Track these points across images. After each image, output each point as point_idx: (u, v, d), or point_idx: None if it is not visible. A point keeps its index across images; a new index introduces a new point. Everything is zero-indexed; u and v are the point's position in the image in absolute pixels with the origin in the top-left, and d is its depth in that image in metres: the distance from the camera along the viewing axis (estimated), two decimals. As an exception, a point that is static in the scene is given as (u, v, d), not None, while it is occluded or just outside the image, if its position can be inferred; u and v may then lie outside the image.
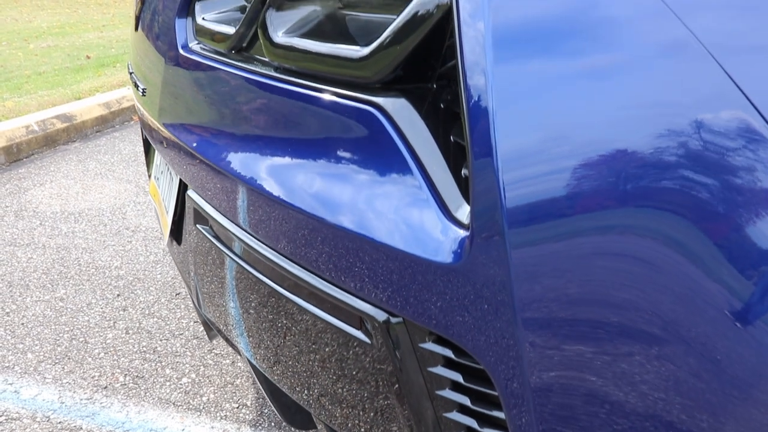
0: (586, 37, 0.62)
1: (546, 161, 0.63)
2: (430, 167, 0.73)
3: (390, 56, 0.75)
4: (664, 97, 0.57)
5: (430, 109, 0.76)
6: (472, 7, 0.65)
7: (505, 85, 0.63)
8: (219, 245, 1.06)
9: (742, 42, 0.56)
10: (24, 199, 2.96)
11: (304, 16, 0.90)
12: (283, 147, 0.88)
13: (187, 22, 1.12)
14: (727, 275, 0.56)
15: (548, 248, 0.63)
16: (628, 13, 0.61)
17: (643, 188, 0.59)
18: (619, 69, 0.60)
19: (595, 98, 0.61)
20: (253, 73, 0.94)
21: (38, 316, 2.06)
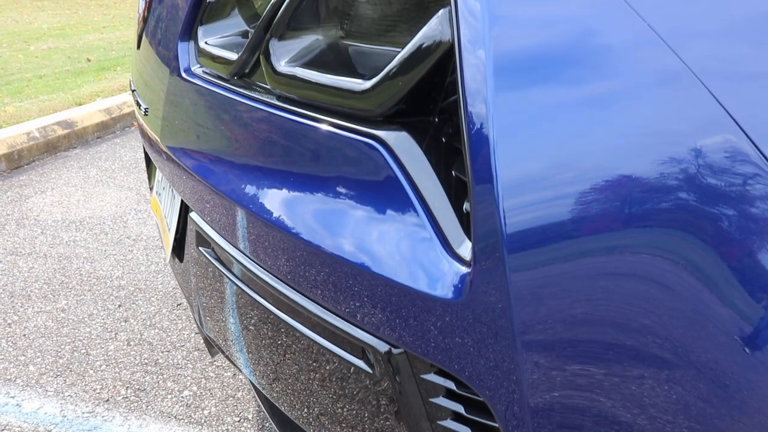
0: (583, 66, 0.63)
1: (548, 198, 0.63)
2: (432, 202, 0.73)
3: (392, 90, 0.75)
4: (660, 125, 0.58)
5: (432, 143, 0.77)
6: (473, 37, 0.65)
7: (506, 116, 0.64)
8: (221, 268, 1.06)
9: (730, 69, 0.58)
10: (25, 207, 2.97)
11: (306, 45, 0.91)
12: (287, 176, 0.89)
13: (189, 45, 1.13)
14: (716, 297, 0.58)
15: (550, 289, 0.63)
16: (624, 42, 0.62)
17: (643, 217, 0.60)
18: (618, 97, 0.61)
19: (594, 127, 0.62)
20: (256, 100, 0.95)
21: (40, 328, 2.06)
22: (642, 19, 0.62)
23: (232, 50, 1.06)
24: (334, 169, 0.82)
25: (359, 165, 0.78)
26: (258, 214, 0.92)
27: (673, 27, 0.60)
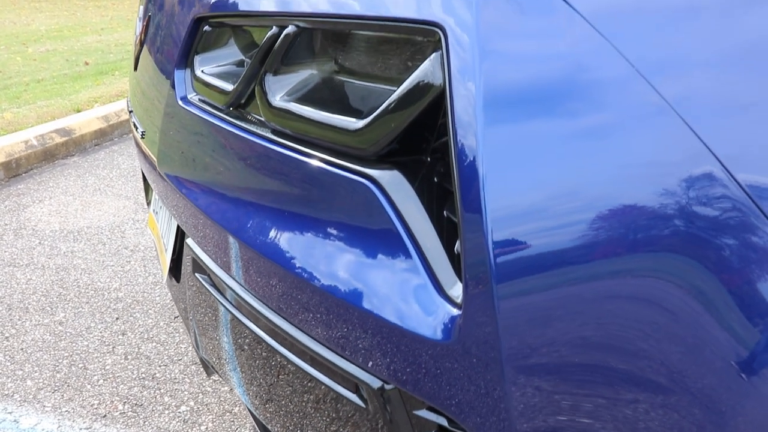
0: (568, 103, 0.64)
1: (538, 243, 0.65)
2: (423, 243, 0.74)
3: (385, 131, 0.76)
4: (644, 159, 0.61)
5: (425, 183, 0.78)
6: (464, 80, 0.66)
7: (495, 156, 0.65)
8: (217, 296, 1.07)
9: (708, 103, 0.61)
10: (23, 217, 2.97)
11: (301, 80, 0.92)
12: (281, 209, 0.90)
13: (185, 73, 1.13)
14: (700, 326, 0.59)
15: (540, 333, 0.64)
16: (606, 79, 0.63)
17: (639, 249, 0.61)
18: (603, 132, 0.63)
19: (581, 163, 0.63)
20: (251, 132, 0.96)
21: (37, 341, 2.07)
22: (623, 56, 0.64)
23: (228, 80, 1.07)
24: (327, 206, 0.83)
25: (352, 203, 0.79)
26: (252, 246, 0.93)
27: (652, 63, 0.62)
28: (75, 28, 10.19)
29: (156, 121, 1.21)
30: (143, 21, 1.39)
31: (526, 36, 0.70)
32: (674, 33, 0.65)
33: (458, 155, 0.67)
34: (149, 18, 1.33)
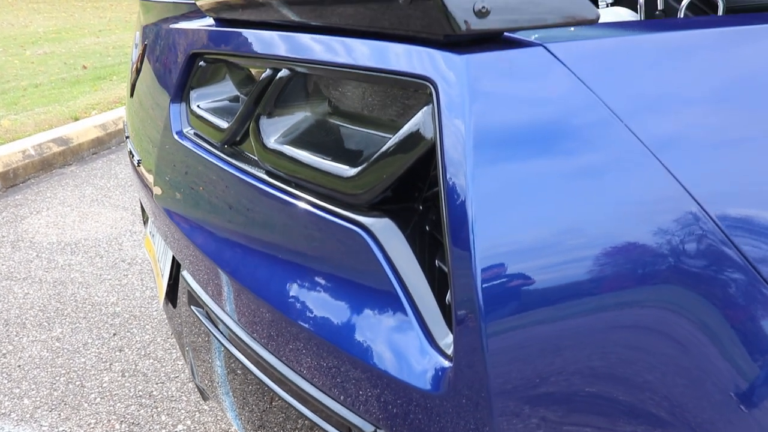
0: (557, 151, 0.66)
1: (528, 301, 0.66)
2: (415, 293, 0.75)
3: (377, 180, 0.77)
4: (627, 198, 0.65)
5: (416, 232, 0.78)
6: (455, 132, 0.67)
7: (484, 209, 0.66)
8: (212, 330, 1.08)
9: (684, 147, 0.66)
10: (21, 229, 2.98)
11: (294, 123, 0.93)
12: (275, 250, 0.90)
13: (181, 107, 1.14)
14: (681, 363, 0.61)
15: (530, 387, 0.65)
16: (588, 123, 0.67)
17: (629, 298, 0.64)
18: (588, 172, 0.66)
19: (570, 212, 0.65)
20: (245, 172, 0.97)
21: (35, 358, 2.08)
22: (603, 103, 0.67)
23: (223, 116, 1.07)
24: (320, 250, 0.84)
25: (344, 249, 0.80)
26: (245, 285, 0.93)
27: (630, 108, 0.66)
28: (73, 29, 10.18)
29: (152, 153, 1.22)
30: (140, 49, 1.39)
31: (514, 91, 0.71)
32: (654, 80, 0.69)
33: (448, 207, 0.68)
34: (145, 47, 1.34)
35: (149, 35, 1.31)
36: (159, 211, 1.20)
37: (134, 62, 1.41)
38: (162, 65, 1.23)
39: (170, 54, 1.18)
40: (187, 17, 1.10)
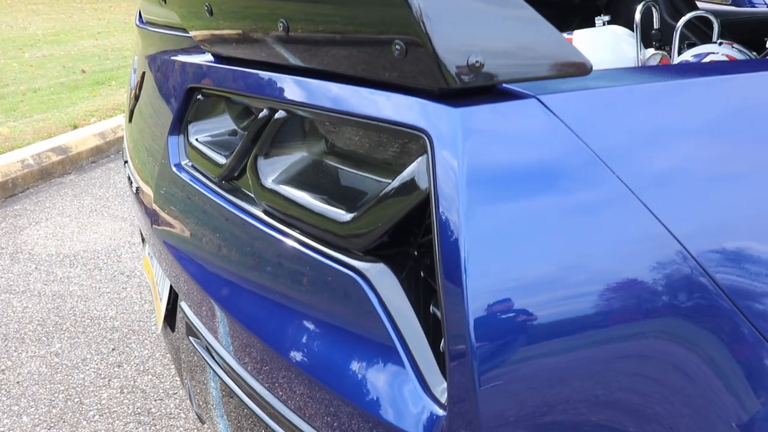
0: (540, 190, 0.69)
1: (522, 355, 0.67)
2: (410, 340, 0.76)
3: (372, 228, 0.78)
4: (614, 238, 0.68)
5: (411, 277, 0.79)
6: (449, 184, 0.68)
7: (476, 259, 0.67)
8: (210, 362, 1.08)
9: (664, 187, 0.69)
10: (20, 240, 2.98)
11: (292, 163, 0.93)
12: (270, 289, 0.91)
13: (179, 139, 1.15)
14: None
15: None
16: (574, 167, 0.69)
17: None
18: (577, 213, 0.68)
19: (558, 261, 0.67)
20: (242, 210, 0.97)
21: (33, 374, 2.08)
22: (590, 149, 0.69)
23: (221, 151, 1.08)
24: (315, 292, 0.84)
25: (340, 293, 0.81)
26: (242, 321, 0.94)
27: (614, 152, 0.69)
28: (72, 31, 10.17)
29: (150, 182, 1.23)
30: (138, 76, 1.40)
31: (507, 142, 0.72)
32: (636, 127, 0.72)
33: (442, 258, 0.69)
34: (144, 74, 1.35)
35: (148, 63, 1.32)
36: (157, 242, 1.20)
37: (133, 88, 1.42)
38: (160, 96, 1.23)
39: (168, 85, 1.19)
40: (187, 51, 1.11)
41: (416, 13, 0.66)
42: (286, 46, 0.84)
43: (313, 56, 0.82)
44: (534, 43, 0.70)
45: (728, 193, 0.73)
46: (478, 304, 0.66)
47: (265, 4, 0.84)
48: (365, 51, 0.74)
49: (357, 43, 0.75)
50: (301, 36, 0.81)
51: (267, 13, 0.84)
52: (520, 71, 0.71)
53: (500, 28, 0.69)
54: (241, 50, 0.95)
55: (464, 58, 0.68)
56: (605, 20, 2.03)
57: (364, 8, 0.72)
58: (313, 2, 0.77)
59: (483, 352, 0.66)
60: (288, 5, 0.80)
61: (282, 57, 0.87)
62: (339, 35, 0.76)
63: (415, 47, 0.69)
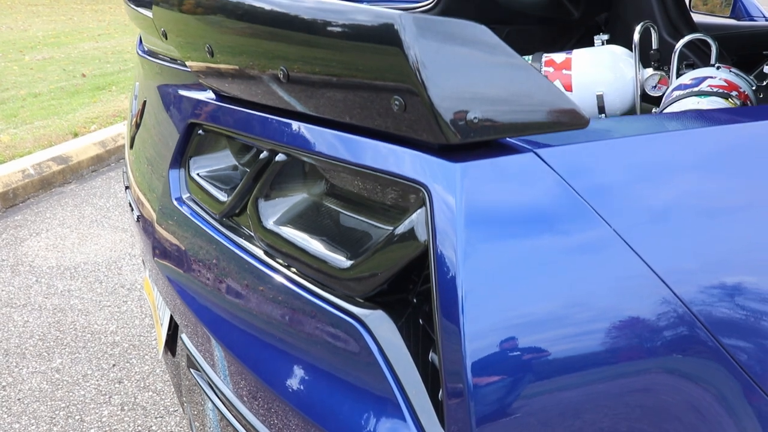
0: (533, 235, 0.70)
1: (519, 406, 0.68)
2: (409, 388, 0.77)
3: (371, 277, 0.79)
4: (604, 280, 0.70)
5: (410, 325, 0.80)
6: (447, 235, 0.69)
7: (474, 312, 0.69)
8: (210, 395, 1.09)
9: (649, 229, 0.72)
10: (20, 252, 2.99)
11: (293, 205, 0.94)
12: (270, 329, 0.92)
13: (180, 173, 1.16)
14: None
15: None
16: (563, 211, 0.71)
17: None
18: (568, 256, 0.70)
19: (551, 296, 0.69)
20: (242, 249, 0.98)
21: (34, 391, 2.09)
22: (581, 197, 0.71)
23: (222, 187, 1.09)
24: (314, 336, 0.85)
25: (338, 338, 0.82)
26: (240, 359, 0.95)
27: (605, 201, 0.71)
28: (72, 34, 10.18)
29: (151, 213, 1.23)
30: (139, 103, 1.41)
31: (505, 195, 0.73)
32: (623, 176, 0.75)
33: (440, 308, 0.70)
34: (144, 103, 1.36)
35: (150, 93, 1.33)
36: (159, 273, 1.21)
37: (134, 115, 1.43)
38: (161, 127, 1.24)
39: (170, 118, 1.20)
40: (188, 86, 1.12)
41: (414, 71, 0.67)
42: (286, 91, 0.85)
43: (313, 103, 0.83)
44: (532, 98, 0.71)
45: (709, 234, 0.75)
46: (475, 349, 0.68)
47: (266, 52, 0.84)
48: (365, 103, 0.75)
49: (357, 96, 0.76)
50: (301, 84, 0.82)
51: (267, 61, 0.85)
52: (519, 127, 0.72)
53: (499, 84, 0.70)
54: (242, 91, 0.96)
55: (463, 115, 0.69)
56: (604, 39, 2.04)
57: (363, 63, 0.72)
58: (312, 53, 0.78)
59: (480, 403, 0.67)
60: (288, 54, 0.81)
61: (282, 101, 0.88)
62: (339, 86, 0.77)
63: (414, 103, 0.70)
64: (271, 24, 0.82)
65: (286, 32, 0.79)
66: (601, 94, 1.95)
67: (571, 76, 1.98)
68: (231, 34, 0.90)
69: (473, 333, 0.67)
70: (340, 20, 0.73)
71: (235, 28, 0.88)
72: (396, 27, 0.67)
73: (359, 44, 0.71)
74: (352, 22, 0.71)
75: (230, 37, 0.90)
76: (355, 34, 0.71)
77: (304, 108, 0.85)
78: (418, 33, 0.66)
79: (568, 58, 2.01)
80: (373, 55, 0.70)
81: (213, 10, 0.91)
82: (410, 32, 0.67)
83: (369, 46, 0.70)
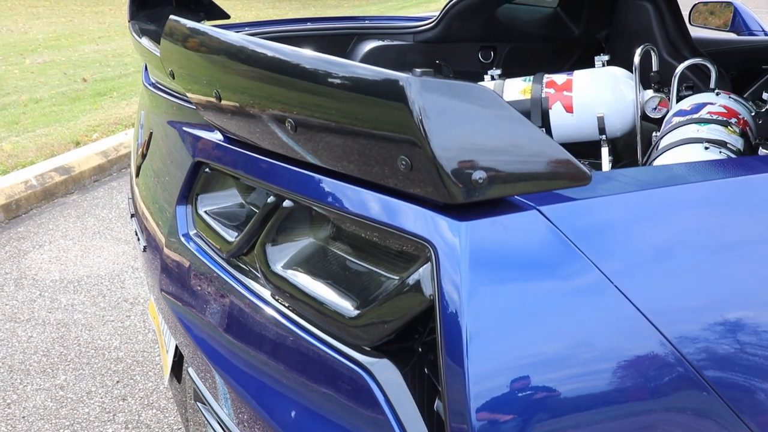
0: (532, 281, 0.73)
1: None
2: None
3: (376, 327, 0.80)
4: (599, 324, 0.73)
5: (415, 374, 0.82)
6: (453, 291, 0.71)
7: (479, 367, 0.71)
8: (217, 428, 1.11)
9: (641, 276, 0.75)
10: (24, 265, 3.01)
11: (300, 249, 0.96)
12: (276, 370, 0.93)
13: (187, 209, 1.17)
14: None
15: None
16: (558, 258, 0.74)
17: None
18: (565, 300, 0.74)
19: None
20: (250, 290, 1.00)
21: (39, 408, 2.11)
22: (581, 252, 0.74)
23: (230, 222, 1.10)
24: (320, 381, 0.86)
25: (344, 385, 0.83)
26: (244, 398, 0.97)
27: (601, 251, 0.75)
28: (72, 36, 10.17)
29: (158, 247, 1.25)
30: (145, 134, 1.42)
31: (509, 252, 0.76)
32: (619, 229, 0.78)
33: (445, 361, 0.72)
34: (151, 135, 1.37)
35: (157, 126, 1.34)
36: (165, 307, 1.22)
37: (140, 145, 1.44)
38: (168, 162, 1.26)
39: (176, 154, 1.21)
40: (195, 125, 1.13)
41: (420, 133, 0.69)
42: (294, 141, 0.87)
43: (320, 156, 0.84)
44: (536, 157, 0.72)
45: (697, 280, 0.79)
46: (479, 391, 0.69)
47: (275, 104, 0.86)
48: (372, 161, 0.77)
49: (364, 153, 0.77)
50: (309, 136, 0.83)
51: (277, 111, 0.86)
52: (523, 186, 0.73)
53: (503, 143, 0.71)
54: (249, 136, 0.97)
55: (468, 175, 0.70)
56: (604, 60, 2.05)
57: (371, 120, 0.74)
58: (321, 108, 0.79)
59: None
60: (296, 107, 0.83)
61: (290, 150, 0.89)
62: (346, 142, 0.78)
63: (420, 163, 0.71)
64: (282, 75, 0.83)
65: (297, 83, 0.81)
66: (601, 116, 1.97)
67: (572, 97, 2.00)
68: (241, 83, 0.91)
69: (477, 375, 0.69)
70: (350, 76, 0.75)
71: (245, 77, 0.89)
72: (401, 83, 0.69)
73: (367, 99, 0.73)
74: (362, 78, 0.73)
75: (240, 86, 0.91)
76: (363, 90, 0.73)
77: (312, 159, 0.86)
78: (422, 91, 0.68)
79: (569, 79, 2.02)
80: (379, 110, 0.72)
81: (222, 57, 0.93)
82: (415, 89, 0.69)
83: (376, 101, 0.72)
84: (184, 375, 1.30)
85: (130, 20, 1.60)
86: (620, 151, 2.17)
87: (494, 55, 2.41)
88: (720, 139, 1.46)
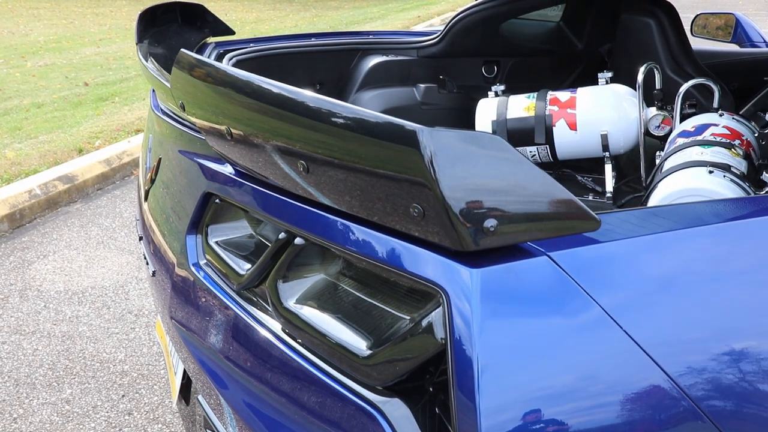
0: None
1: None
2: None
3: (387, 368, 0.82)
4: (600, 358, 0.75)
5: (426, 414, 0.83)
6: (464, 335, 0.73)
7: (490, 412, 0.72)
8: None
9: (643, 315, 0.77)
10: (28, 276, 3.02)
11: (312, 285, 0.97)
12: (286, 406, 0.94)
13: (197, 239, 1.18)
14: None
15: None
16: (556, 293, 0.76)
17: None
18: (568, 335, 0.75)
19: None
20: (260, 323, 1.01)
21: (45, 423, 2.12)
22: (590, 297, 0.75)
23: (240, 253, 1.11)
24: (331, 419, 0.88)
25: (355, 424, 0.84)
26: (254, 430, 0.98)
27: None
28: (73, 38, 10.17)
29: (167, 274, 1.26)
30: (154, 159, 1.43)
31: (520, 298, 0.77)
32: (623, 271, 0.80)
33: (457, 404, 0.73)
34: (160, 160, 1.38)
35: (166, 153, 1.35)
36: (175, 332, 1.23)
37: (149, 170, 1.45)
38: (177, 190, 1.27)
39: (186, 183, 1.22)
40: (206, 156, 1.14)
41: (432, 182, 0.70)
42: (305, 183, 0.87)
43: (332, 198, 0.85)
44: (546, 205, 0.73)
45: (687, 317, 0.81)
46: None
47: (286, 147, 0.87)
48: (385, 207, 0.78)
49: (377, 200, 0.78)
50: (321, 178, 0.84)
51: (287, 154, 0.87)
52: (533, 233, 0.74)
53: (514, 192, 0.73)
54: (260, 173, 0.98)
55: (480, 224, 0.72)
56: (608, 77, 2.07)
57: (384, 170, 0.75)
58: (335, 151, 0.80)
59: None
60: (308, 150, 0.84)
61: (301, 190, 0.90)
62: (359, 188, 0.79)
63: (432, 211, 0.72)
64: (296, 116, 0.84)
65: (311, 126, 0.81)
66: (605, 134, 1.98)
67: (575, 114, 2.01)
68: (253, 123, 0.92)
69: (488, 410, 0.71)
70: (363, 122, 0.76)
71: (257, 117, 0.90)
72: (413, 129, 0.70)
73: (380, 144, 0.74)
74: (376, 124, 0.74)
75: (251, 125, 0.92)
76: (377, 135, 0.74)
77: (322, 200, 0.87)
78: (434, 137, 0.70)
79: (572, 96, 2.04)
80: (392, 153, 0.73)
81: (235, 95, 0.93)
82: (427, 137, 0.70)
83: (390, 146, 0.73)
84: (192, 397, 1.31)
85: (138, 42, 1.61)
86: (623, 167, 2.19)
87: (497, 70, 2.42)
88: (724, 162, 1.47)
